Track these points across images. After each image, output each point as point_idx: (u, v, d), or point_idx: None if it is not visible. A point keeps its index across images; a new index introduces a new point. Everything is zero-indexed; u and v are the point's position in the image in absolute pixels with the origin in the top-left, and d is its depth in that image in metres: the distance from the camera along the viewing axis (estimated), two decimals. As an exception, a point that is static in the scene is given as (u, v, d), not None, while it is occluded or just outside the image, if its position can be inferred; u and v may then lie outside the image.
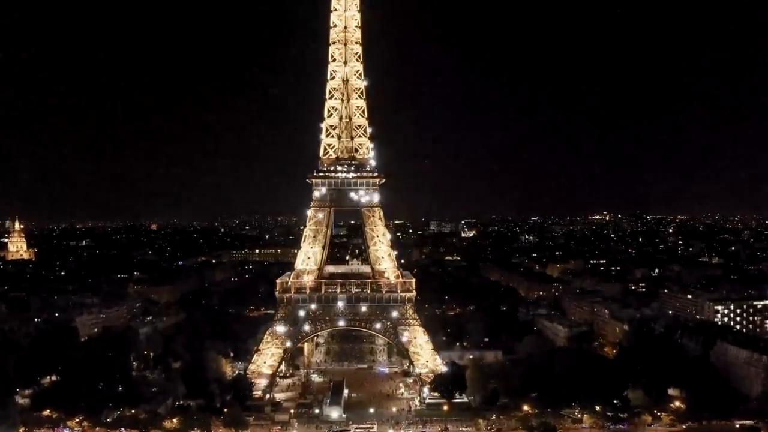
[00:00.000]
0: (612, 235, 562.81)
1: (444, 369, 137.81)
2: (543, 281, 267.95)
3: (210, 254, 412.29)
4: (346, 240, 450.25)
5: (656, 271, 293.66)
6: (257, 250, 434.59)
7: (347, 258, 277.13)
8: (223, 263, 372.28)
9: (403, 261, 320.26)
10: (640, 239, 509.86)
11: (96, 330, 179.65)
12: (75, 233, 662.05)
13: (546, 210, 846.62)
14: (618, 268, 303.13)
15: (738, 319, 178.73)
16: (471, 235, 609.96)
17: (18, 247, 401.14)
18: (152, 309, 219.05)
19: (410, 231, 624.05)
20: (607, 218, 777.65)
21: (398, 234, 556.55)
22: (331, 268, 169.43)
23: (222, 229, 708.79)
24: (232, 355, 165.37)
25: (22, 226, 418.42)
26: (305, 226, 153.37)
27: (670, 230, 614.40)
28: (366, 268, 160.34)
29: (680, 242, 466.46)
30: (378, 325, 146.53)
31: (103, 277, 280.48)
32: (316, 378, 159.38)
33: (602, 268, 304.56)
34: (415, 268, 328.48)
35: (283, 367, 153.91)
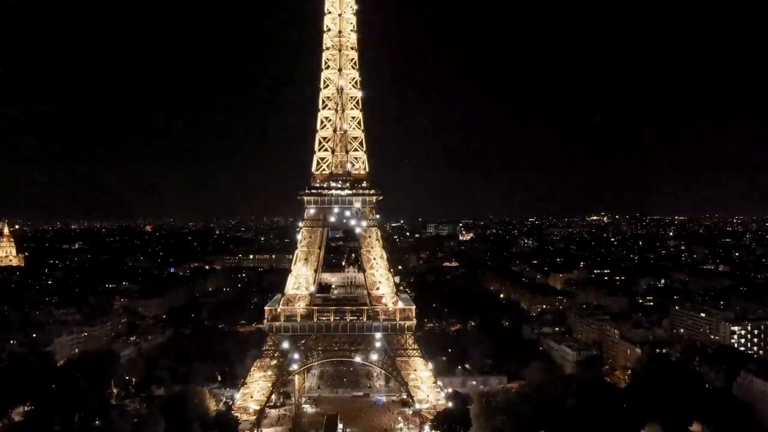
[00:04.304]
0: (612, 239, 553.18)
1: (446, 403, 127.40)
2: (546, 293, 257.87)
3: (203, 259, 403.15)
4: (343, 243, 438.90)
5: (662, 281, 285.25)
6: (252, 256, 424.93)
7: (343, 264, 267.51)
8: (216, 270, 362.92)
9: (400, 267, 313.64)
10: (641, 243, 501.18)
11: (76, 351, 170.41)
12: (69, 234, 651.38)
13: (543, 211, 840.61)
14: (622, 277, 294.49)
15: (755, 340, 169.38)
16: (469, 238, 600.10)
17: (7, 253, 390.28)
18: (138, 326, 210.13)
19: (407, 234, 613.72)
20: (606, 219, 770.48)
21: (395, 237, 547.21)
22: (326, 276, 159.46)
23: (217, 231, 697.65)
24: (219, 379, 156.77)
25: (16, 227, 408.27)
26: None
27: (671, 233, 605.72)
28: (363, 277, 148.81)
29: (682, 247, 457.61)
30: (375, 356, 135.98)
31: (91, 287, 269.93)
32: (308, 409, 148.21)
33: (606, 278, 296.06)
34: (412, 276, 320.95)
35: (273, 396, 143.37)
